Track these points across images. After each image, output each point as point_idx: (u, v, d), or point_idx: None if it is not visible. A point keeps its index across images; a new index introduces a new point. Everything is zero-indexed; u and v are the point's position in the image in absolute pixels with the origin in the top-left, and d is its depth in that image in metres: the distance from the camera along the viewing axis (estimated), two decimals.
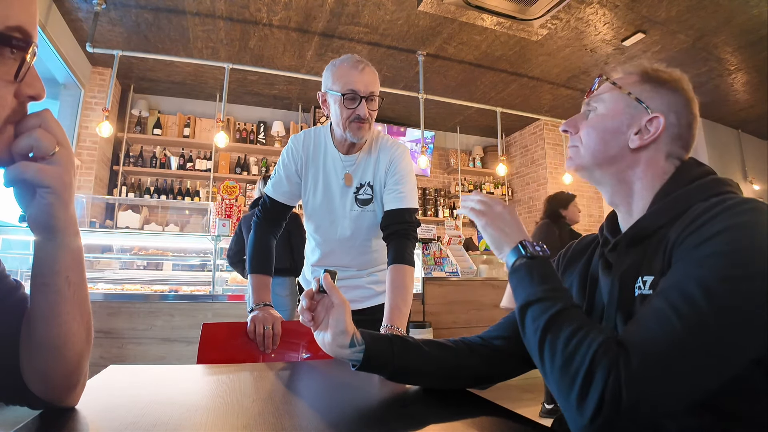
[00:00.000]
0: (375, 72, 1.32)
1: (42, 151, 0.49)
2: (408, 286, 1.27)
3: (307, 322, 0.75)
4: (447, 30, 3.90)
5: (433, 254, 4.42)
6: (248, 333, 1.28)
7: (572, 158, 0.77)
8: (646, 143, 0.70)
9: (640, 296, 0.64)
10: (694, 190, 0.66)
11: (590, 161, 0.74)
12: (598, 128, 0.73)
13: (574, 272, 0.83)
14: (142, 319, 2.88)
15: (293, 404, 0.73)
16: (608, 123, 0.73)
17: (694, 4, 3.41)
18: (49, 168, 0.50)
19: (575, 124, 0.77)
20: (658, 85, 0.72)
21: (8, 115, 0.47)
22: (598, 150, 0.73)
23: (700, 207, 0.61)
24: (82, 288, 0.60)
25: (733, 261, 0.51)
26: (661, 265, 0.61)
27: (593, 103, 0.75)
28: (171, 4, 3.57)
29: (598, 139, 0.73)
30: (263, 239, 1.42)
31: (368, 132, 1.32)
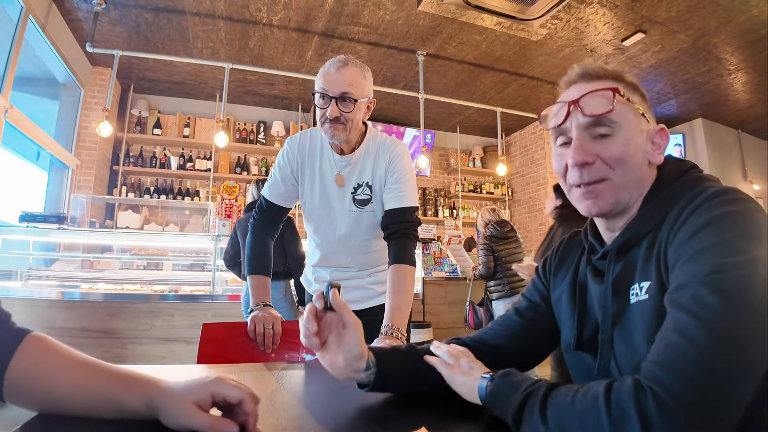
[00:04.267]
0: (359, 73, 1.26)
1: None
2: (408, 286, 1.26)
3: (315, 346, 0.68)
4: (447, 30, 3.90)
5: (433, 254, 4.42)
6: (248, 333, 1.28)
7: (602, 197, 0.65)
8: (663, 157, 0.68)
9: (636, 303, 0.62)
10: (675, 190, 0.64)
11: (627, 197, 0.66)
12: (631, 154, 0.64)
13: (565, 279, 0.80)
14: (142, 319, 2.87)
15: (293, 404, 0.72)
16: (639, 145, 0.65)
17: (694, 3, 3.41)
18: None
19: (594, 152, 0.64)
20: (640, 92, 0.69)
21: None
22: (634, 181, 0.65)
23: (682, 203, 0.60)
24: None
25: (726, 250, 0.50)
26: (657, 268, 0.59)
27: (611, 124, 0.64)
28: (171, 4, 3.57)
29: (635, 168, 0.65)
30: (261, 241, 1.42)
31: (344, 132, 1.27)
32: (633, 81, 0.69)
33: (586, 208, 0.67)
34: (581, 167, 0.64)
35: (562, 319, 0.79)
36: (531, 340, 0.83)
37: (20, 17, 3.18)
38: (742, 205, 0.55)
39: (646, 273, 0.62)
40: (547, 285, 0.85)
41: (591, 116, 0.64)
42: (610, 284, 0.66)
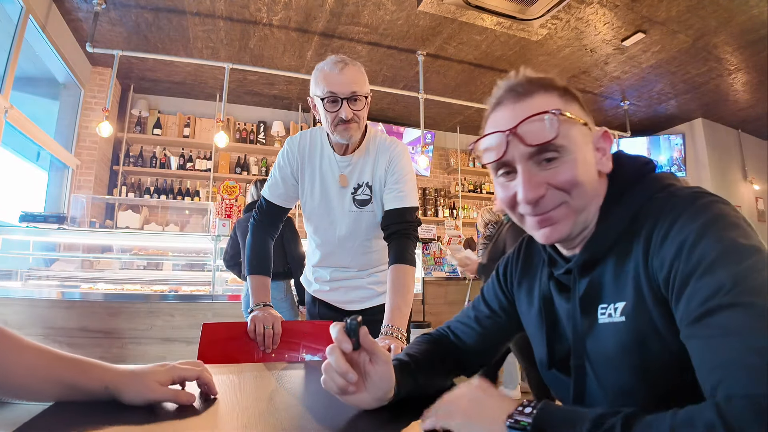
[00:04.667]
0: (359, 70, 1.26)
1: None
2: (409, 286, 1.27)
3: (346, 388, 0.63)
4: (447, 30, 3.90)
5: (433, 254, 4.42)
6: (248, 333, 1.28)
7: (560, 222, 0.61)
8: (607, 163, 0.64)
9: (611, 324, 0.58)
10: (636, 197, 0.60)
11: (584, 217, 0.62)
12: (583, 172, 0.60)
13: (531, 292, 0.76)
14: (142, 319, 2.87)
15: (293, 404, 0.72)
16: (588, 160, 0.61)
17: (694, 4, 3.41)
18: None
19: (544, 182, 0.59)
20: (574, 97, 0.64)
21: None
22: (589, 198, 0.61)
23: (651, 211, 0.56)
24: None
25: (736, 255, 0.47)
26: (636, 288, 0.56)
27: (557, 148, 0.59)
28: (171, 4, 3.57)
29: (589, 186, 0.60)
30: (261, 241, 1.42)
31: (357, 131, 1.29)
32: (564, 85, 0.64)
33: (543, 237, 0.62)
34: (534, 203, 0.60)
35: (530, 331, 0.76)
36: (490, 344, 0.84)
37: (20, 17, 3.18)
38: (721, 206, 0.53)
39: (618, 293, 0.58)
40: (509, 296, 0.82)
41: (534, 146, 0.58)
42: (578, 304, 0.63)
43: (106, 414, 0.60)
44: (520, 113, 0.60)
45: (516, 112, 0.60)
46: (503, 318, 0.81)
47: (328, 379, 0.63)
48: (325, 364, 0.63)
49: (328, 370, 0.63)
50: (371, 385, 0.64)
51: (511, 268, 0.82)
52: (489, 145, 0.63)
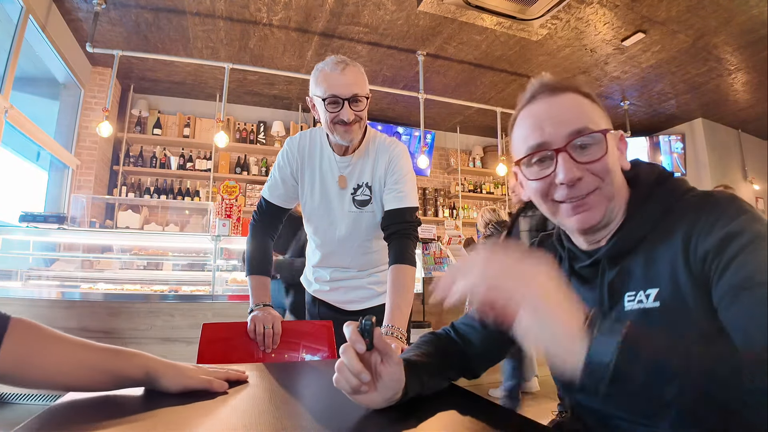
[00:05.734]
0: (359, 71, 1.26)
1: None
2: (409, 287, 1.27)
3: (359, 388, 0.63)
4: (447, 30, 3.90)
5: (433, 254, 4.42)
6: (248, 333, 1.28)
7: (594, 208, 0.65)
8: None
9: (641, 310, 0.61)
10: (662, 195, 0.65)
11: (614, 205, 0.67)
12: (614, 162, 0.66)
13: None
14: (142, 319, 2.87)
15: (293, 404, 0.72)
16: (615, 153, 0.68)
17: (694, 3, 3.41)
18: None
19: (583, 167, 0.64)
20: (597, 101, 0.69)
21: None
22: (617, 188, 0.66)
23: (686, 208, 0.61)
24: None
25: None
26: (672, 276, 0.59)
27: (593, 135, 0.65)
28: (171, 4, 3.57)
29: (617, 176, 0.67)
30: (260, 241, 1.42)
31: (358, 132, 1.29)
32: (590, 92, 0.69)
33: (578, 223, 0.65)
34: (572, 185, 0.64)
35: None
36: (494, 346, 0.83)
37: (20, 17, 3.18)
38: (753, 208, 0.59)
39: (649, 281, 0.61)
40: None
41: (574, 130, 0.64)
42: (606, 290, 0.66)
43: (105, 414, 0.60)
44: (556, 105, 0.66)
45: (552, 104, 0.66)
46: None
47: (341, 378, 0.63)
48: (339, 363, 0.63)
49: (341, 370, 0.63)
50: (382, 385, 0.64)
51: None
52: (526, 132, 0.67)
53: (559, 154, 0.64)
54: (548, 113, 0.66)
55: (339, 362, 0.63)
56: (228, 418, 0.62)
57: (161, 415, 0.61)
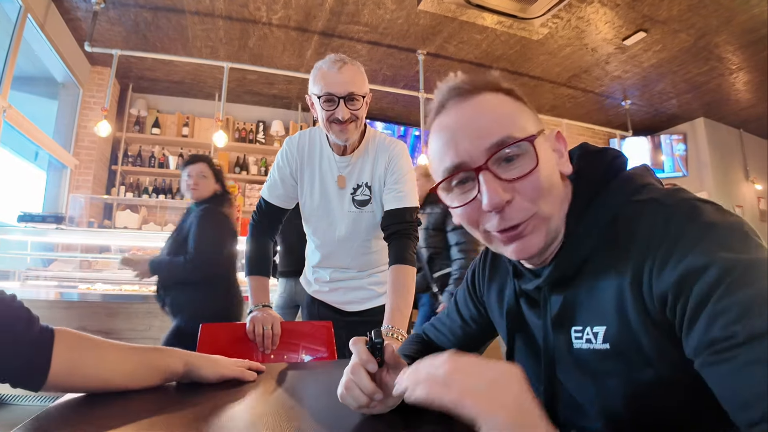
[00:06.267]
0: (357, 70, 1.25)
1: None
2: (409, 287, 1.26)
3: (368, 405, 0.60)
4: (447, 29, 3.89)
5: None
6: (247, 334, 1.27)
7: (532, 234, 0.54)
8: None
9: (591, 351, 0.53)
10: (604, 200, 0.54)
11: (554, 225, 0.56)
12: (547, 173, 0.54)
13: (501, 303, 0.70)
14: (140, 320, 2.86)
15: (293, 404, 0.72)
16: (550, 163, 0.56)
17: (695, 3, 3.40)
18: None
19: (510, 186, 0.53)
20: (520, 98, 0.59)
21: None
22: (557, 204, 0.56)
23: (632, 219, 0.50)
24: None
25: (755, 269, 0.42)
26: (620, 312, 0.50)
27: (517, 143, 0.53)
28: (170, 3, 3.56)
29: (555, 191, 0.55)
30: (260, 242, 1.41)
31: (354, 132, 1.27)
32: (510, 87, 0.58)
33: (516, 254, 0.55)
34: (500, 210, 0.53)
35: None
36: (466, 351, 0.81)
37: (19, 16, 3.17)
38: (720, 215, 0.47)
39: (596, 315, 0.52)
40: (479, 305, 0.78)
41: (493, 142, 0.53)
42: (550, 326, 0.58)
43: (104, 414, 0.60)
44: (469, 112, 0.55)
45: (464, 112, 0.55)
46: (474, 328, 0.79)
47: (349, 396, 0.60)
48: (347, 381, 0.61)
49: (351, 389, 0.60)
50: (388, 395, 0.62)
51: (478, 276, 0.77)
52: (440, 151, 0.56)
53: (480, 174, 0.53)
54: (461, 124, 0.55)
55: (348, 380, 0.60)
56: (227, 420, 0.61)
57: (160, 415, 0.60)
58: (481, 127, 0.53)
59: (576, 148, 0.63)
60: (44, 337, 0.63)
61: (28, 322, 0.62)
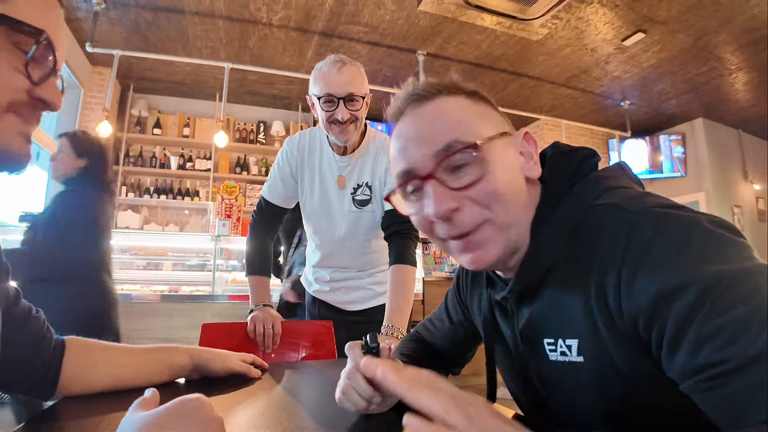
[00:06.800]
0: (357, 71, 1.25)
1: None
2: (409, 287, 1.26)
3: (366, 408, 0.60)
4: (447, 29, 3.89)
5: (433, 254, 4.41)
6: (248, 333, 1.28)
7: (486, 244, 0.51)
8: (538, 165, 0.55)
9: (567, 364, 0.51)
10: (567, 206, 0.51)
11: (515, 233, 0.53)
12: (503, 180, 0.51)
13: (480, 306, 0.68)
14: (141, 320, 2.87)
15: (293, 404, 0.72)
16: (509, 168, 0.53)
17: (694, 3, 3.40)
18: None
19: (458, 193, 0.50)
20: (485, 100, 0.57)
21: (10, 102, 0.47)
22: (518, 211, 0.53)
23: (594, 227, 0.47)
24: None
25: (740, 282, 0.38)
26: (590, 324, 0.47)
27: (468, 149, 0.50)
28: (170, 4, 3.56)
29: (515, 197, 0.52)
30: (260, 241, 1.42)
31: (354, 133, 1.28)
32: (473, 89, 0.56)
33: (471, 264, 0.53)
34: (446, 219, 0.50)
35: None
36: (457, 351, 0.82)
37: None
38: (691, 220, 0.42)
39: (567, 328, 0.50)
40: (464, 309, 0.77)
41: (440, 147, 0.50)
42: (519, 338, 0.56)
43: (103, 414, 0.60)
44: (421, 118, 0.53)
45: (417, 118, 0.53)
46: (462, 332, 0.79)
47: (347, 401, 0.60)
48: (345, 386, 0.60)
49: (348, 393, 0.59)
50: (386, 396, 0.62)
51: (462, 282, 0.75)
52: (394, 159, 0.55)
53: (427, 183, 0.51)
54: (413, 131, 0.53)
55: (345, 385, 0.60)
56: (227, 419, 0.61)
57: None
58: (430, 134, 0.52)
59: (548, 148, 0.60)
60: (55, 353, 0.66)
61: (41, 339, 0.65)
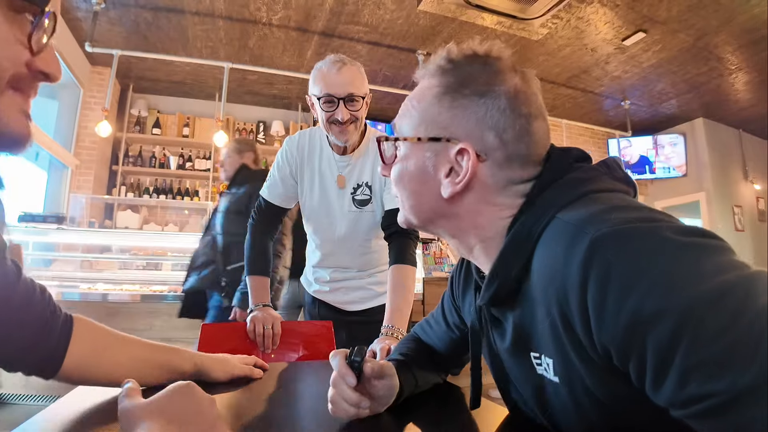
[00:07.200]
0: (357, 71, 1.25)
1: None
2: (409, 287, 1.26)
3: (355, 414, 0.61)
4: (447, 29, 3.89)
5: (433, 254, 4.41)
6: (248, 333, 1.27)
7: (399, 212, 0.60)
8: (462, 187, 0.51)
9: (549, 382, 0.49)
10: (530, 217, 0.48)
11: (413, 219, 0.58)
12: (404, 180, 0.56)
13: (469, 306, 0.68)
14: (141, 320, 2.86)
15: (293, 404, 0.72)
16: (412, 171, 0.55)
17: (694, 3, 3.40)
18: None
19: (386, 169, 0.60)
20: (459, 94, 0.52)
21: (12, 76, 0.45)
22: (412, 205, 0.57)
23: (545, 244, 0.45)
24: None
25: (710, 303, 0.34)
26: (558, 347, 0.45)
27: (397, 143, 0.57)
28: (170, 4, 3.56)
29: (410, 194, 0.56)
30: (260, 241, 1.41)
31: (354, 133, 1.27)
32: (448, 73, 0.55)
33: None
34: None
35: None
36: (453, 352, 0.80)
37: None
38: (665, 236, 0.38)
39: (544, 345, 0.48)
40: (459, 311, 0.76)
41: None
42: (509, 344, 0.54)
43: (102, 414, 0.60)
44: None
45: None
46: (457, 334, 0.77)
47: (338, 410, 0.60)
48: (332, 396, 0.60)
49: (337, 402, 0.60)
50: (378, 397, 0.63)
51: (456, 285, 0.74)
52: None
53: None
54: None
55: (332, 395, 0.60)
56: (228, 419, 0.61)
57: None
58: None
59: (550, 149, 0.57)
60: (64, 330, 0.64)
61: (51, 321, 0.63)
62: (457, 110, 0.52)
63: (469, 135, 0.51)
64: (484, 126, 0.51)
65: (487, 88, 0.51)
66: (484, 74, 0.52)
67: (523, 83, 0.52)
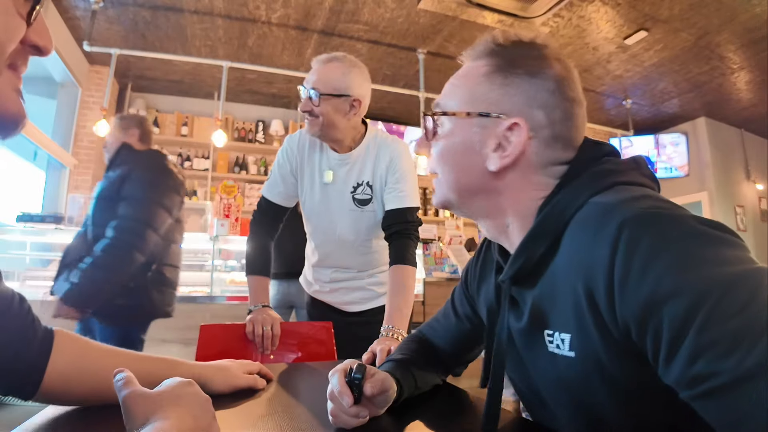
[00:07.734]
0: (338, 67, 1.26)
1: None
2: (409, 287, 1.25)
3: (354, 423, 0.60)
4: (448, 28, 3.88)
5: (433, 254, 4.39)
6: (247, 334, 1.26)
7: (435, 192, 0.62)
8: (510, 161, 0.54)
9: (561, 357, 0.50)
10: (565, 197, 0.51)
11: (452, 195, 0.59)
12: (447, 156, 0.58)
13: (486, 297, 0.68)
14: None
15: (293, 405, 0.72)
16: (457, 146, 0.58)
17: (696, 2, 3.39)
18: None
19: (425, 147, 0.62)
20: (510, 73, 0.55)
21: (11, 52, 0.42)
22: (454, 181, 0.59)
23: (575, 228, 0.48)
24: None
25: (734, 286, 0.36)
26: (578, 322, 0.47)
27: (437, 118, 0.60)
28: (169, 2, 3.55)
29: (452, 169, 0.58)
30: (260, 241, 1.40)
31: (317, 128, 1.26)
32: (498, 55, 0.60)
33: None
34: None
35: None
36: (462, 348, 0.82)
37: None
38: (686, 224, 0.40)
39: (563, 321, 0.50)
40: (472, 303, 0.76)
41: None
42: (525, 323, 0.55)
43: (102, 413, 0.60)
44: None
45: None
46: (468, 326, 0.78)
47: (339, 422, 0.59)
48: (332, 410, 0.60)
49: (337, 416, 0.59)
50: (378, 403, 0.63)
51: (471, 273, 0.76)
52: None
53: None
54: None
55: (332, 409, 0.60)
56: (227, 420, 0.61)
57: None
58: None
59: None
60: (43, 347, 0.59)
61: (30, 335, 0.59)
62: (509, 88, 0.55)
63: (520, 111, 0.54)
64: (534, 104, 0.54)
65: (538, 69, 0.54)
66: (531, 57, 0.55)
67: (566, 71, 0.56)
